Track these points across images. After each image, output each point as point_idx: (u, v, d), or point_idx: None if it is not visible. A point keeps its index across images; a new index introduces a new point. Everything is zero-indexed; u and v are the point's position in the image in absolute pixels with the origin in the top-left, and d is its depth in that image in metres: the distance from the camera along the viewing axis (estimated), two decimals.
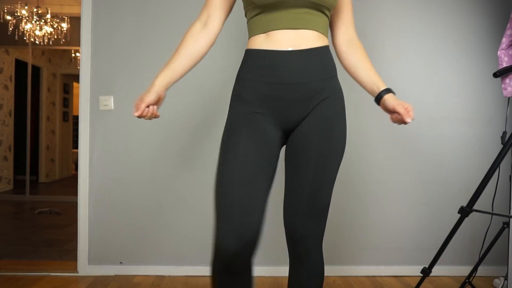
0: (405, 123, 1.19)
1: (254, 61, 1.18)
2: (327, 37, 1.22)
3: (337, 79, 1.23)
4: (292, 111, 1.15)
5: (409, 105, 1.19)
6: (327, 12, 1.19)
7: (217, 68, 2.39)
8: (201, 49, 1.29)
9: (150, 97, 1.18)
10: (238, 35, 2.39)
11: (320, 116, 1.15)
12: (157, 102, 1.21)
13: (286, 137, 1.21)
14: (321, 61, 1.16)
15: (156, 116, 1.20)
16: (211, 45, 1.27)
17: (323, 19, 1.18)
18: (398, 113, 1.21)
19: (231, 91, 1.24)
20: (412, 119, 1.18)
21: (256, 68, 1.17)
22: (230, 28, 2.38)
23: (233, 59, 2.38)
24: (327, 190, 1.17)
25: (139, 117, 1.16)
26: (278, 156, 1.18)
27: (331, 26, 1.31)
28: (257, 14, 1.16)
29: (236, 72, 1.26)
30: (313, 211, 1.17)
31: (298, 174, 1.17)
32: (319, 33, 1.17)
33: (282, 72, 1.13)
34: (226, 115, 1.22)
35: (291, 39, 1.14)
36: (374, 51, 2.43)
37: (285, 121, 1.16)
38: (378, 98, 1.26)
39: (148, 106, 1.18)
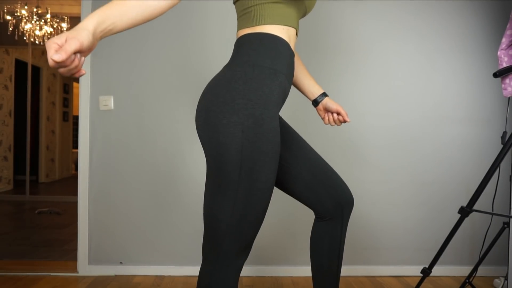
0: (344, 122, 1.37)
1: (285, 53, 1.10)
2: None
3: None
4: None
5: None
6: None
7: (218, 69, 2.39)
8: (161, 4, 0.92)
9: (86, 41, 0.77)
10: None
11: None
12: (84, 52, 0.81)
13: None
14: None
15: (80, 73, 0.81)
16: (171, 6, 0.97)
17: None
18: (340, 113, 1.37)
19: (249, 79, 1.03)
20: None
21: (287, 63, 1.11)
22: (231, 27, 2.38)
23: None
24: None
25: (58, 66, 0.75)
26: None
27: None
28: (278, 2, 1.09)
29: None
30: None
31: (321, 161, 1.26)
32: None
33: (293, 74, 1.18)
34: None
35: (293, 41, 1.16)
36: (374, 51, 2.43)
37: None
38: (319, 100, 1.39)
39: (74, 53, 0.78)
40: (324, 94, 1.39)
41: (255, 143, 0.98)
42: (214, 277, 1.02)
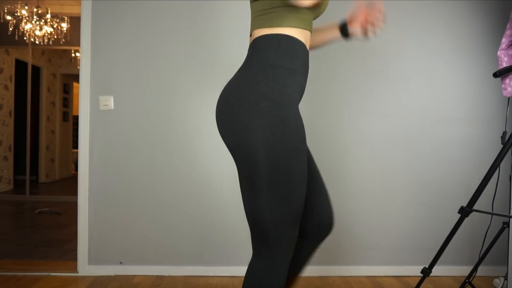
0: (378, 20, 1.20)
1: (302, 53, 1.14)
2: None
3: None
4: None
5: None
6: None
7: (217, 68, 2.39)
8: None
9: None
10: (238, 33, 2.40)
11: None
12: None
13: None
14: None
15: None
16: None
17: None
18: (372, 9, 1.19)
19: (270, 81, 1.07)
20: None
21: (303, 63, 1.15)
22: (232, 27, 2.38)
23: (234, 61, 2.38)
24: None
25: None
26: None
27: None
28: (296, 9, 1.13)
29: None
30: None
31: (317, 177, 1.22)
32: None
33: (307, 73, 1.21)
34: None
35: (308, 42, 1.21)
36: (375, 51, 2.43)
37: None
38: (345, 25, 1.28)
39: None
40: (344, 25, 1.29)
41: (285, 143, 1.01)
42: (270, 271, 1.07)
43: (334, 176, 2.42)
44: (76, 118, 7.52)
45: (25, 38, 5.09)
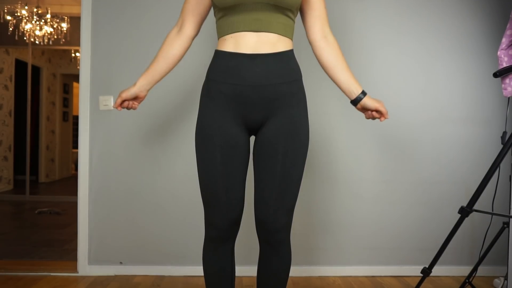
0: (383, 118, 1.36)
1: (221, 62, 1.27)
2: (291, 39, 1.30)
3: (301, 83, 1.33)
4: (257, 112, 1.25)
5: (383, 104, 1.36)
6: (290, 14, 1.26)
7: None
8: (176, 52, 1.36)
9: (127, 94, 1.37)
10: None
11: (286, 119, 1.26)
12: (136, 99, 1.41)
13: (252, 134, 1.34)
14: (282, 66, 1.25)
15: (133, 108, 1.42)
16: (187, 48, 1.37)
17: (285, 21, 1.25)
18: (380, 112, 1.34)
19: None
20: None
21: (223, 70, 1.26)
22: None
23: None
24: (294, 188, 1.28)
25: (117, 107, 1.38)
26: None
27: (305, 23, 1.37)
28: (222, 16, 1.25)
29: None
30: (283, 207, 1.28)
31: (266, 174, 1.26)
32: (280, 36, 1.24)
33: (246, 75, 1.22)
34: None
35: (253, 42, 1.22)
36: (374, 51, 2.43)
37: (250, 120, 1.27)
38: (358, 100, 1.35)
39: (125, 101, 1.39)
40: (364, 93, 1.35)
41: None
42: None
43: (334, 176, 2.42)
44: (76, 118, 7.51)
45: (25, 38, 5.08)
